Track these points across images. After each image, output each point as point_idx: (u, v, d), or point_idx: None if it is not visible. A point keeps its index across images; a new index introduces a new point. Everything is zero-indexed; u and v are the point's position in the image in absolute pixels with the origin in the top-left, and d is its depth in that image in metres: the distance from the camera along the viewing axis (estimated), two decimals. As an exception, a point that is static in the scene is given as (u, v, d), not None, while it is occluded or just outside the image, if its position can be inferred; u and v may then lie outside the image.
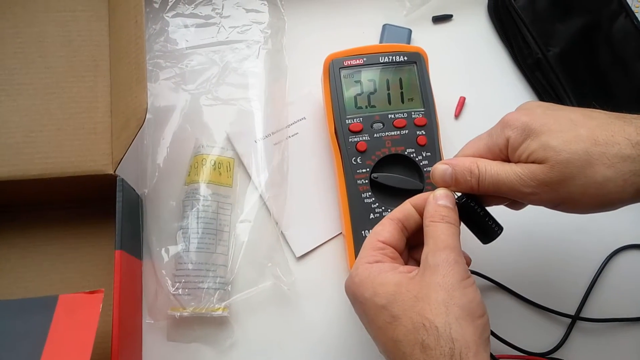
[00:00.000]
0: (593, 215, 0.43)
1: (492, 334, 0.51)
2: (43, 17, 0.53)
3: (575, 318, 0.55)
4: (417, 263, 0.42)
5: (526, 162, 0.40)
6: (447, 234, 0.40)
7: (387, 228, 0.43)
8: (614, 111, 0.58)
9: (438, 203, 0.42)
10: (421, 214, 0.43)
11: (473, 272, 0.52)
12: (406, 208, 0.44)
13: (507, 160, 0.42)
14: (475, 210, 0.44)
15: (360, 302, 0.40)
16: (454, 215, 0.42)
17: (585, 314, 0.56)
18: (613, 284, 0.57)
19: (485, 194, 0.43)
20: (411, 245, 0.45)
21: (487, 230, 0.44)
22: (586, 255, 0.58)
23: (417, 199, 0.44)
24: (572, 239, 0.58)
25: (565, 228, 0.58)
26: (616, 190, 0.38)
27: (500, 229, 0.45)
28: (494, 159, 0.43)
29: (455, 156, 0.45)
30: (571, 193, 0.39)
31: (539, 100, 0.64)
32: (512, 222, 0.57)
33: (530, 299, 0.55)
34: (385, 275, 0.40)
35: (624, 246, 0.58)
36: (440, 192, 0.43)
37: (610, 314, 0.56)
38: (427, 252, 0.40)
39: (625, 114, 0.41)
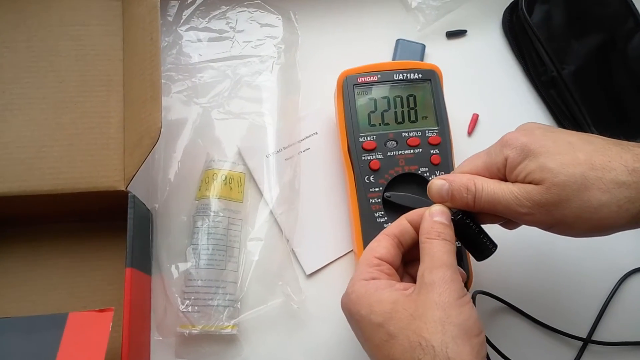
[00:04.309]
0: (605, 237, 0.43)
1: (502, 355, 0.50)
2: (57, 30, 0.53)
3: (587, 341, 0.55)
4: (413, 278, 0.42)
5: (523, 182, 0.41)
6: (443, 251, 0.40)
7: (383, 244, 0.43)
8: (627, 131, 0.58)
9: (434, 219, 0.42)
10: (417, 229, 0.43)
11: (484, 293, 0.52)
12: (402, 224, 0.44)
13: (504, 179, 0.43)
14: (470, 228, 0.44)
15: (356, 319, 0.40)
16: (449, 232, 0.42)
17: (597, 337, 0.55)
18: (625, 307, 0.57)
19: (481, 211, 0.43)
20: (406, 261, 0.45)
21: (482, 248, 0.44)
22: (598, 277, 0.57)
23: (413, 214, 0.44)
24: (585, 261, 0.58)
25: (578, 250, 0.58)
26: (610, 215, 0.39)
27: (495, 246, 0.45)
28: (492, 178, 0.43)
29: (453, 172, 0.45)
30: (565, 216, 0.39)
31: (551, 119, 0.64)
32: (524, 243, 0.57)
33: (542, 321, 0.55)
34: (382, 292, 0.40)
35: (637, 268, 0.58)
36: (436, 208, 0.43)
37: (623, 337, 0.55)
38: (424, 270, 0.40)
39: (623, 141, 0.42)
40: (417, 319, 0.37)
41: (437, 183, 0.44)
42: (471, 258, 0.51)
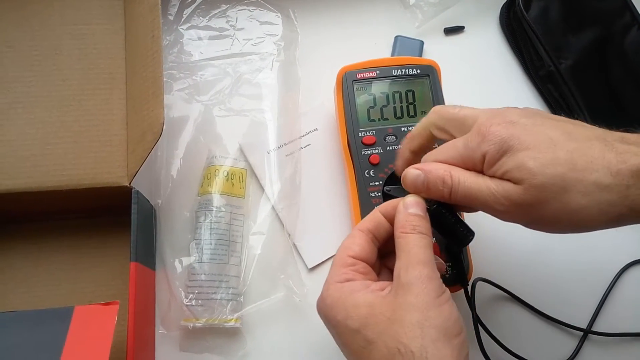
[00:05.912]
0: (605, 229, 0.43)
1: (502, 346, 0.51)
2: (60, 29, 0.53)
3: (587, 332, 0.55)
4: (390, 271, 0.41)
5: (501, 178, 0.39)
6: (419, 246, 0.38)
7: (357, 241, 0.41)
8: (624, 124, 0.58)
9: (409, 212, 0.40)
10: (391, 222, 0.41)
11: (486, 281, 0.52)
12: (376, 217, 0.42)
13: (481, 171, 0.40)
14: (446, 218, 0.42)
15: (333, 325, 0.39)
16: (425, 224, 0.40)
17: (597, 327, 0.56)
18: (625, 298, 0.57)
19: (456, 204, 0.41)
20: (383, 253, 0.44)
21: (459, 237, 0.43)
22: (599, 268, 0.58)
23: (386, 206, 0.42)
24: (585, 253, 0.58)
25: (578, 242, 0.58)
26: (589, 218, 0.37)
27: (472, 234, 0.43)
28: (468, 169, 0.41)
29: (427, 158, 0.43)
30: (543, 216, 0.38)
31: (548, 112, 0.64)
32: (525, 233, 0.57)
33: (542, 311, 0.55)
34: (357, 295, 0.38)
35: (636, 260, 0.58)
36: (411, 199, 0.41)
37: (622, 329, 0.56)
38: (400, 268, 0.38)
39: (608, 133, 0.39)
40: (395, 322, 0.36)
41: (413, 173, 0.41)
42: (471, 250, 0.52)
